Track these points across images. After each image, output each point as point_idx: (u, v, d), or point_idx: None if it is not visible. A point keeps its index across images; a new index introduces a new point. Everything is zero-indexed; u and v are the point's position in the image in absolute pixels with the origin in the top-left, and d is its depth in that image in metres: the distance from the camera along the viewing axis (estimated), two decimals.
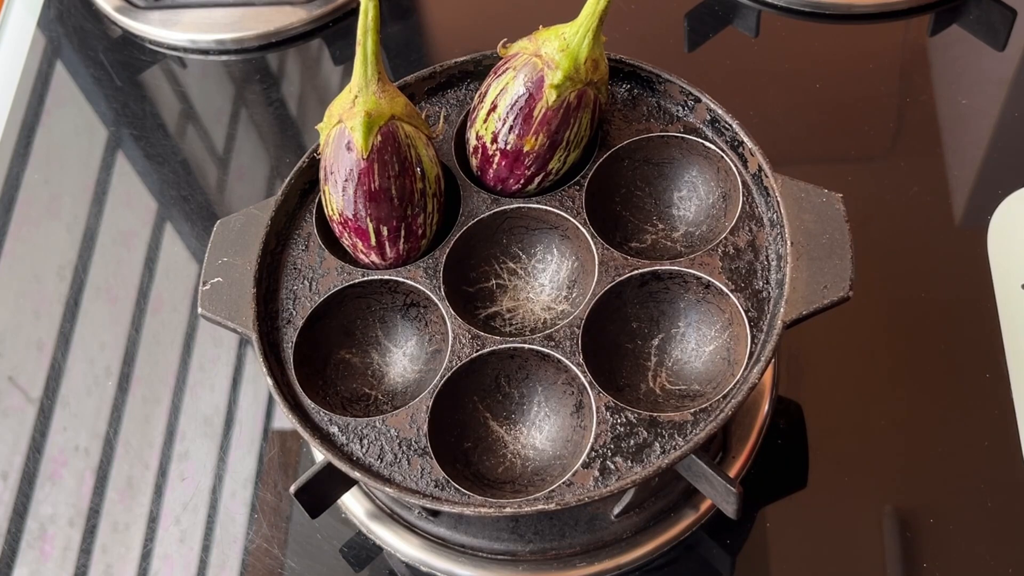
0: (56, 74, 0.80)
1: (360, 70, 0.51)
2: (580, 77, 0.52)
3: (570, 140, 0.54)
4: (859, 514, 0.55)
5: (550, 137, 0.53)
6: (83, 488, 0.61)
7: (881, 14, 0.74)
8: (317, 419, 0.50)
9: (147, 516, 0.60)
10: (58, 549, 0.59)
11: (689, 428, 0.48)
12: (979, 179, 0.66)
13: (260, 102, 0.77)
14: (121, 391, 0.64)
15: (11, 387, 0.65)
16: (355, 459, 0.49)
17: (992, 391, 0.58)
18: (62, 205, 0.73)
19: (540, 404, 0.52)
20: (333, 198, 0.53)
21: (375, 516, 0.57)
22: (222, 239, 0.55)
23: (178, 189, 0.73)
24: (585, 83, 0.53)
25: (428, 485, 0.48)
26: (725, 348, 0.52)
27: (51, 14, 0.83)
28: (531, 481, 0.50)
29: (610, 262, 0.52)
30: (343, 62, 0.78)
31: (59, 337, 0.67)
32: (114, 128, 0.76)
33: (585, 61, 0.52)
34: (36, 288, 0.69)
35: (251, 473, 0.60)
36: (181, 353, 0.65)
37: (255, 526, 0.58)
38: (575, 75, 0.52)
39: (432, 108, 0.59)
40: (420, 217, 0.54)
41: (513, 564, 0.55)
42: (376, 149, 0.51)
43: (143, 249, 0.70)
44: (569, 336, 0.51)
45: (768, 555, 0.55)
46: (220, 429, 0.62)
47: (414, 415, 0.50)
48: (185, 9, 0.79)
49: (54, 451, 0.62)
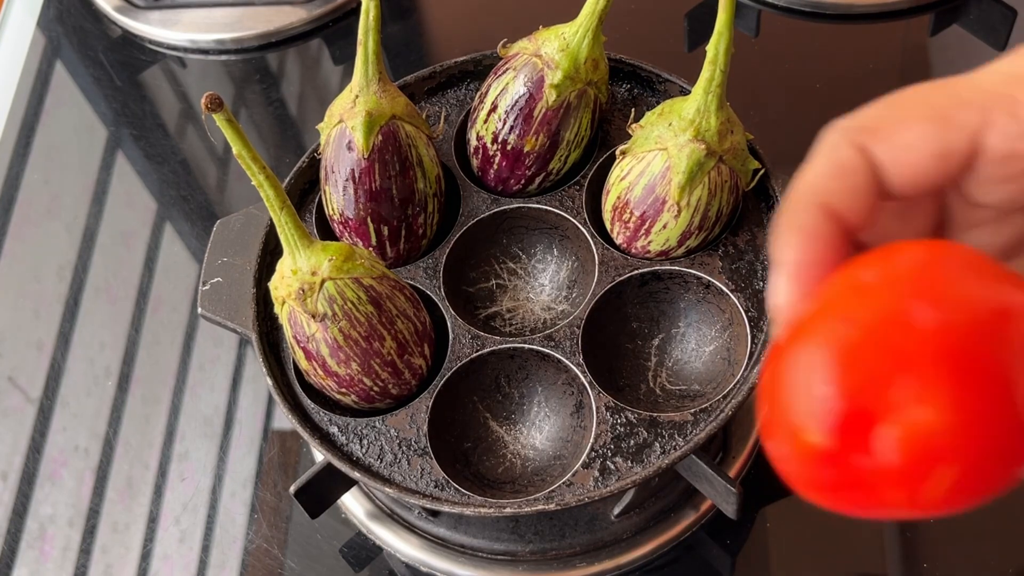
0: (56, 74, 0.80)
1: (361, 70, 0.51)
2: (580, 77, 0.52)
3: (570, 140, 0.54)
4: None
5: (550, 137, 0.53)
6: (83, 488, 0.61)
7: (881, 14, 0.74)
8: (317, 419, 0.50)
9: (147, 516, 0.60)
10: (58, 549, 0.59)
11: (689, 428, 0.48)
12: None
13: (260, 102, 0.77)
14: (121, 391, 0.64)
15: (11, 387, 0.65)
16: (355, 459, 0.49)
17: None
18: (62, 205, 0.73)
19: (540, 404, 0.52)
20: (333, 198, 0.53)
21: (375, 516, 0.57)
22: (222, 239, 0.55)
23: (178, 189, 0.73)
24: (585, 83, 0.53)
25: (428, 485, 0.48)
26: (725, 348, 0.52)
27: (51, 14, 0.83)
28: (531, 481, 0.50)
29: (610, 262, 0.52)
30: (343, 62, 0.78)
31: (59, 337, 0.67)
32: (114, 128, 0.76)
33: (585, 61, 0.52)
34: (36, 288, 0.69)
35: (251, 473, 0.60)
36: (181, 353, 0.65)
37: (255, 526, 0.58)
38: (575, 75, 0.52)
39: (432, 108, 0.59)
40: (420, 217, 0.54)
41: (513, 564, 0.55)
42: (377, 149, 0.51)
43: (143, 249, 0.70)
44: (569, 336, 0.51)
45: (768, 555, 0.55)
46: (220, 429, 0.62)
47: (414, 415, 0.49)
48: (185, 9, 0.79)
49: (54, 451, 0.62)
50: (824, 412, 0.26)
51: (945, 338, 0.26)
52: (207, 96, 0.41)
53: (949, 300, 0.26)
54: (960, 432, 0.26)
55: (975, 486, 0.27)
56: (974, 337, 0.26)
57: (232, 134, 0.43)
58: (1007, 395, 0.26)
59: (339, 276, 0.47)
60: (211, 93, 0.41)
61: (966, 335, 0.26)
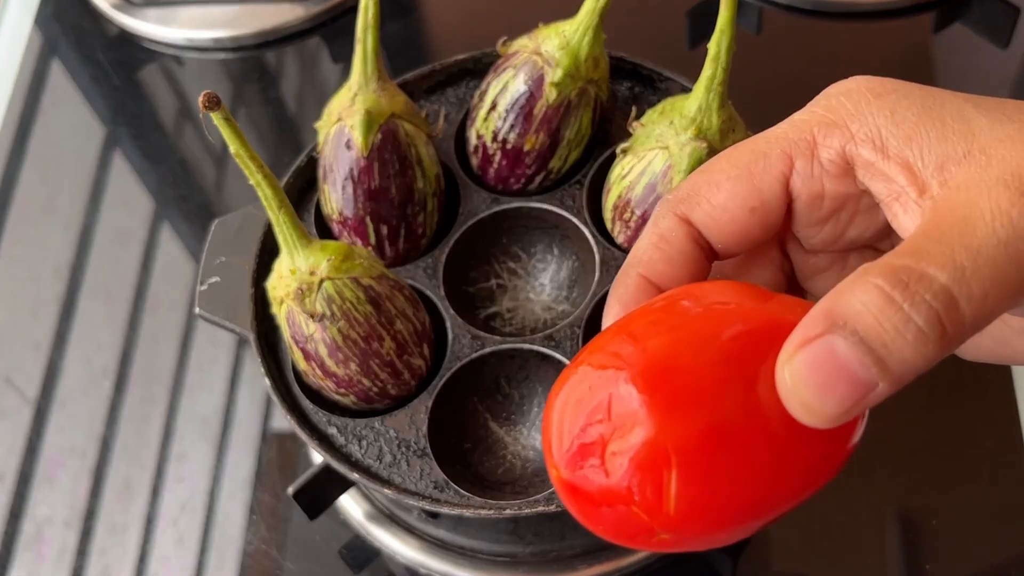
0: (52, 72, 0.79)
1: (359, 68, 0.51)
2: (581, 75, 0.52)
3: (571, 139, 0.54)
4: (861, 515, 0.55)
5: (551, 136, 0.53)
6: (80, 489, 0.61)
7: (884, 12, 0.74)
8: (315, 420, 0.50)
9: (144, 518, 0.59)
10: (54, 551, 0.59)
11: None
12: None
13: (258, 100, 0.76)
14: (118, 392, 0.64)
15: (7, 387, 0.65)
16: (354, 460, 0.48)
17: (996, 391, 0.58)
18: (58, 204, 0.73)
19: (540, 405, 0.52)
20: (332, 197, 0.52)
21: (374, 518, 0.57)
22: (220, 239, 0.55)
23: (175, 188, 0.73)
24: (586, 81, 0.52)
25: (427, 487, 0.48)
26: None
27: (48, 11, 0.82)
28: (531, 482, 0.50)
29: (611, 261, 0.52)
30: (342, 60, 0.77)
31: (55, 337, 0.67)
32: (111, 126, 0.76)
33: (586, 59, 0.52)
34: (32, 287, 0.69)
35: (249, 474, 0.60)
36: (178, 354, 0.65)
37: (253, 528, 0.58)
38: (575, 73, 0.52)
39: (432, 106, 0.59)
40: (420, 216, 0.53)
41: (513, 566, 0.55)
42: (376, 148, 0.51)
43: (140, 248, 0.70)
44: (570, 336, 0.50)
45: (769, 556, 0.55)
46: (218, 430, 0.62)
47: (413, 416, 0.49)
48: (182, 6, 0.79)
49: (51, 452, 0.62)
50: (559, 447, 0.28)
51: (668, 355, 0.27)
52: (204, 94, 0.41)
53: (677, 323, 0.28)
54: (674, 445, 0.26)
55: (721, 502, 0.27)
56: (699, 355, 0.27)
57: (230, 133, 0.42)
58: (730, 406, 0.26)
59: (338, 276, 0.46)
60: (208, 91, 0.41)
61: (690, 353, 0.27)
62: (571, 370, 0.29)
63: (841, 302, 0.24)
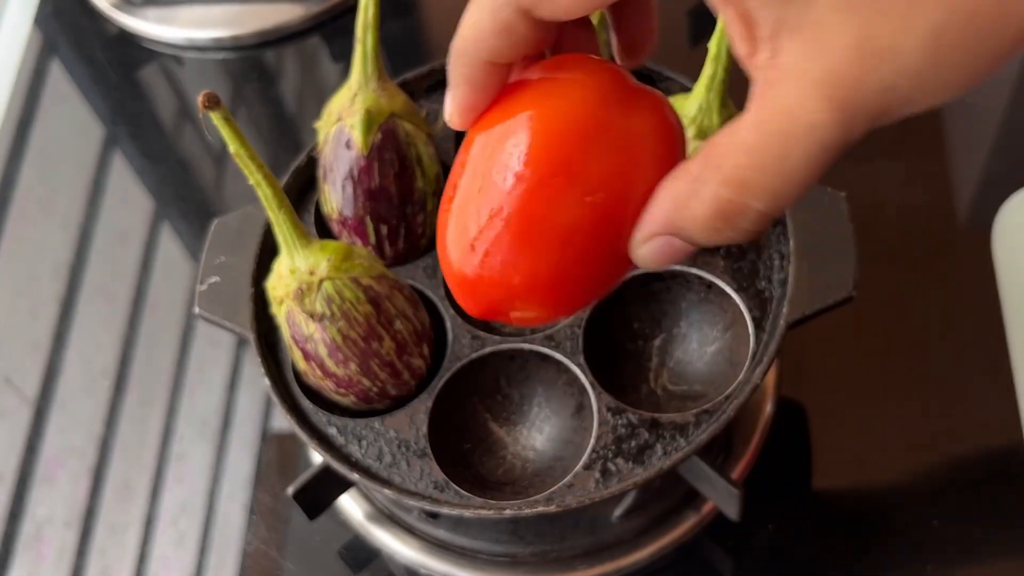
0: (52, 71, 0.79)
1: (359, 67, 0.50)
2: None
3: None
4: (862, 516, 0.55)
5: None
6: (79, 490, 0.60)
7: None
8: (315, 420, 0.50)
9: (144, 518, 0.59)
10: (54, 551, 0.59)
11: (691, 429, 0.47)
12: (984, 178, 0.66)
13: (257, 100, 0.76)
14: (118, 392, 0.64)
15: (7, 388, 0.65)
16: (353, 460, 0.48)
17: (997, 392, 0.57)
18: (58, 203, 0.73)
19: (541, 405, 0.52)
20: (332, 197, 0.52)
21: (374, 518, 0.57)
22: (219, 238, 0.55)
23: (175, 188, 0.72)
24: None
25: (427, 487, 0.47)
26: (727, 348, 0.51)
27: (47, 11, 0.82)
28: (531, 483, 0.50)
29: None
30: (341, 59, 0.77)
31: (55, 337, 0.66)
32: (110, 126, 0.76)
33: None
34: (32, 287, 0.69)
35: (249, 475, 0.60)
36: (178, 354, 0.65)
37: (253, 528, 0.58)
38: None
39: (431, 106, 0.59)
40: (420, 216, 0.53)
41: (513, 566, 0.55)
42: (376, 147, 0.51)
43: (140, 248, 0.70)
44: (570, 336, 0.50)
45: (770, 557, 0.55)
46: (217, 430, 0.62)
47: (413, 416, 0.49)
48: (182, 6, 0.79)
49: (50, 452, 0.62)
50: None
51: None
52: (204, 94, 0.41)
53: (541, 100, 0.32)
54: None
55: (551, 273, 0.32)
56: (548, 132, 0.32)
57: (229, 132, 0.42)
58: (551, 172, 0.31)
59: (337, 276, 0.46)
60: (208, 91, 0.41)
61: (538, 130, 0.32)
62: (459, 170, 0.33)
63: (677, 217, 0.30)
